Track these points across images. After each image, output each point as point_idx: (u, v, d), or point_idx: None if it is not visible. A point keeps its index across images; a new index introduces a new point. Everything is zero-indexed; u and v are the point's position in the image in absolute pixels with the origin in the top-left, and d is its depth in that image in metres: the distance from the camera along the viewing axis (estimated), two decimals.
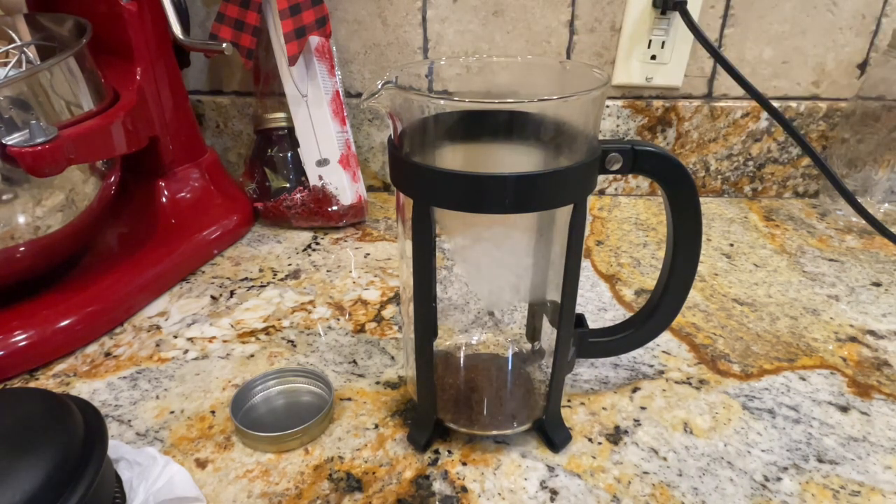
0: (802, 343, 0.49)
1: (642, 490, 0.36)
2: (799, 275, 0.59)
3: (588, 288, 0.57)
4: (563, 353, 0.36)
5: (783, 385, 0.44)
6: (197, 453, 0.38)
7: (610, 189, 0.77)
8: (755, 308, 0.54)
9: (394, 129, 0.32)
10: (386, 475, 0.37)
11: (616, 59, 0.70)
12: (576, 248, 0.33)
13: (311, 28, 0.61)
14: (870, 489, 0.36)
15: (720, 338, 0.50)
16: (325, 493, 0.36)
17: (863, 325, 0.51)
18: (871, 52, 0.70)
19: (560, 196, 0.30)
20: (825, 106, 0.72)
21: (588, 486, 0.36)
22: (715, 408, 0.42)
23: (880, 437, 0.40)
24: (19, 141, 0.40)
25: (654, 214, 0.72)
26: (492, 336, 0.45)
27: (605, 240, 0.66)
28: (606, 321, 0.52)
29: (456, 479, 0.36)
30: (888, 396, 0.43)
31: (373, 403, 0.42)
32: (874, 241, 0.65)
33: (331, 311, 0.53)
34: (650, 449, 0.39)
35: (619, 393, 0.44)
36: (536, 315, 0.42)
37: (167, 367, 0.46)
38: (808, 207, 0.74)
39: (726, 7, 0.68)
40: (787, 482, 0.36)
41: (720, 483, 0.36)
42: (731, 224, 0.70)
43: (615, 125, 0.73)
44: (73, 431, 0.29)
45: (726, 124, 0.73)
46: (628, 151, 0.33)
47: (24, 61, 0.52)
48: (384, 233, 0.68)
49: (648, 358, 0.47)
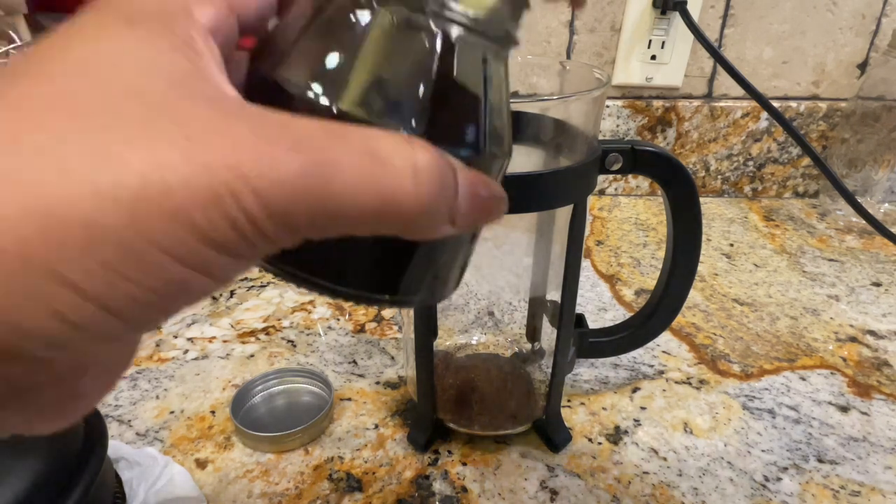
0: (802, 343, 0.49)
1: (642, 490, 0.36)
2: (799, 275, 0.59)
3: (588, 288, 0.57)
4: (563, 353, 0.36)
5: (783, 385, 0.44)
6: (197, 453, 0.38)
7: (610, 189, 0.77)
8: (755, 308, 0.54)
9: None
10: (386, 475, 0.37)
11: (616, 59, 0.70)
12: (576, 248, 0.33)
13: None
14: (870, 489, 0.36)
15: (720, 338, 0.50)
16: (325, 493, 0.36)
17: (863, 325, 0.51)
18: (871, 52, 0.70)
19: (560, 196, 0.30)
20: (825, 106, 0.72)
21: (588, 486, 0.36)
22: (715, 408, 0.42)
23: (880, 437, 0.40)
24: None
25: (654, 214, 0.72)
26: (492, 336, 0.45)
27: (605, 240, 0.66)
28: (606, 321, 0.52)
29: (456, 479, 0.36)
30: (888, 396, 0.43)
31: (373, 403, 0.42)
32: (874, 241, 0.65)
33: (331, 311, 0.53)
34: (650, 449, 0.39)
35: (619, 393, 0.44)
36: (536, 315, 0.42)
37: (167, 367, 0.46)
38: (808, 207, 0.74)
39: (726, 7, 0.68)
40: (787, 482, 0.36)
41: (720, 483, 0.36)
42: (731, 224, 0.70)
43: (615, 125, 0.73)
44: (73, 431, 0.29)
45: (726, 124, 0.73)
46: (628, 151, 0.33)
47: None
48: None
49: (648, 358, 0.47)
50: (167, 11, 0.14)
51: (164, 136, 0.11)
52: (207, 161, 0.11)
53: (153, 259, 0.11)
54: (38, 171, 0.11)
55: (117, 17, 0.13)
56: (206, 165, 0.11)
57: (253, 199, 0.11)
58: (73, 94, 0.12)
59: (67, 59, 0.12)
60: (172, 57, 0.13)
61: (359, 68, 0.15)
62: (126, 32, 0.13)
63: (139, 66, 0.12)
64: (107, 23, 0.13)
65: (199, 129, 0.12)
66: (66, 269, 0.11)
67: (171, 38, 0.13)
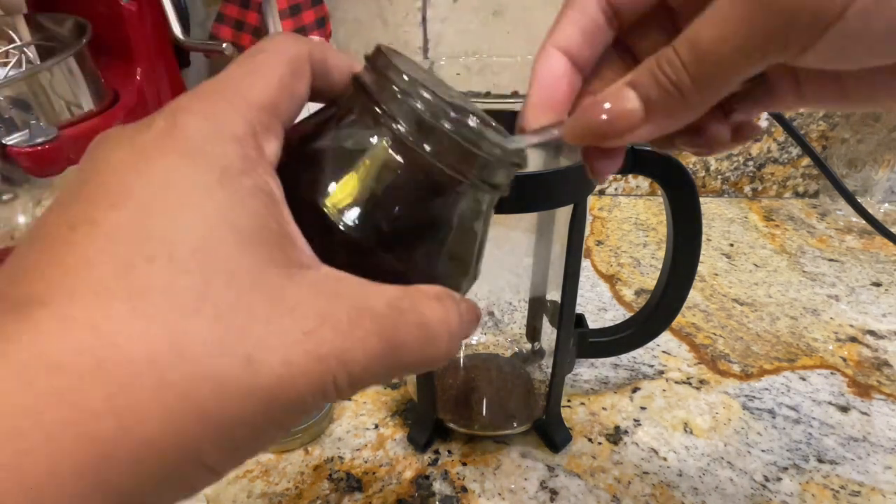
0: (802, 343, 0.49)
1: (642, 490, 0.36)
2: (799, 275, 0.59)
3: (588, 288, 0.57)
4: (563, 353, 0.36)
5: (783, 385, 0.44)
6: None
7: (610, 189, 0.77)
8: (755, 308, 0.54)
9: None
10: (386, 475, 0.37)
11: None
12: (576, 248, 0.33)
13: (311, 28, 0.61)
14: (870, 489, 0.36)
15: (720, 338, 0.50)
16: (325, 493, 0.36)
17: (863, 325, 0.51)
18: None
19: (560, 196, 0.30)
20: None
21: (588, 486, 0.36)
22: (715, 408, 0.42)
23: (880, 437, 0.40)
24: (19, 141, 0.40)
25: (654, 214, 0.72)
26: (492, 336, 0.45)
27: (605, 240, 0.66)
28: (606, 321, 0.52)
29: (456, 479, 0.36)
30: (888, 396, 0.43)
31: (373, 403, 0.42)
32: (874, 241, 0.65)
33: None
34: (650, 449, 0.39)
35: (619, 393, 0.44)
36: (536, 315, 0.42)
37: None
38: (808, 207, 0.74)
39: None
40: (787, 482, 0.36)
41: (720, 483, 0.36)
42: (731, 224, 0.70)
43: None
44: None
45: None
46: (628, 151, 0.33)
47: (24, 61, 0.52)
48: None
49: (648, 358, 0.47)
50: (250, 158, 0.15)
51: (288, 333, 0.13)
52: (321, 354, 0.14)
53: (270, 434, 0.14)
54: (198, 378, 0.12)
55: (208, 172, 0.14)
56: (321, 359, 0.14)
57: (346, 379, 0.14)
58: (218, 286, 0.13)
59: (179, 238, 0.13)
60: (264, 220, 0.14)
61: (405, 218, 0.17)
62: (217, 195, 0.14)
63: (239, 238, 0.14)
64: (198, 182, 0.14)
65: (311, 319, 0.14)
66: (210, 457, 0.13)
67: (261, 199, 0.14)
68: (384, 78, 0.17)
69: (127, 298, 0.12)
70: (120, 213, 0.13)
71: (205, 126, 0.14)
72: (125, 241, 0.13)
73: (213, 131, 0.14)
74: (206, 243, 0.13)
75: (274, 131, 0.16)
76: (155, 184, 0.13)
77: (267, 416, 0.13)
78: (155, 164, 0.13)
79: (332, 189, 0.16)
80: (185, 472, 0.13)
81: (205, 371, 0.12)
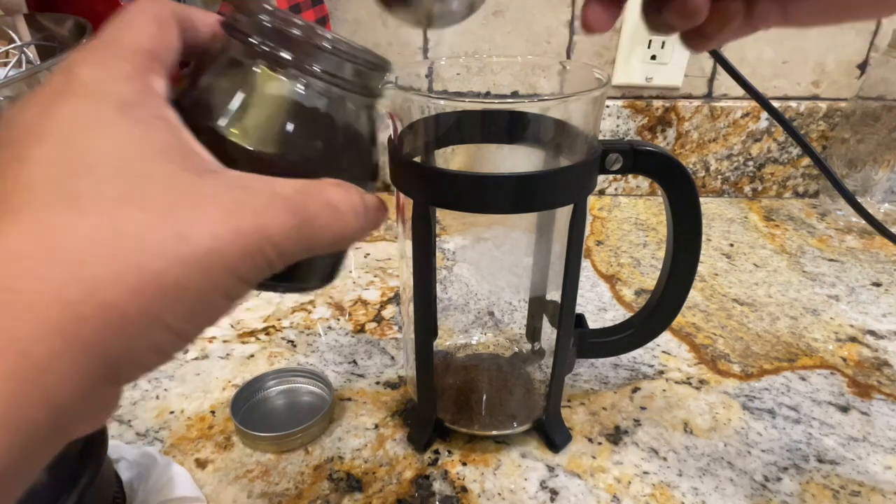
0: (802, 343, 0.49)
1: (642, 490, 0.36)
2: (799, 275, 0.59)
3: (588, 288, 0.57)
4: (563, 353, 0.36)
5: (783, 385, 0.44)
6: (197, 453, 0.38)
7: (610, 189, 0.77)
8: (755, 308, 0.54)
9: (394, 129, 0.32)
10: (386, 475, 0.37)
11: (616, 59, 0.70)
12: (576, 248, 0.33)
13: None
14: (870, 489, 0.36)
15: (720, 338, 0.50)
16: (325, 493, 0.36)
17: (863, 325, 0.51)
18: (871, 52, 0.70)
19: (560, 196, 0.30)
20: (825, 106, 0.72)
21: (588, 486, 0.36)
22: (715, 408, 0.42)
23: (880, 437, 0.40)
24: None
25: (654, 214, 0.72)
26: (492, 336, 0.45)
27: (605, 240, 0.66)
28: (606, 321, 0.52)
29: (456, 479, 0.36)
30: (888, 396, 0.43)
31: (373, 403, 0.42)
32: (874, 241, 0.65)
33: (331, 311, 0.53)
34: (650, 449, 0.39)
35: (619, 393, 0.44)
36: (536, 315, 0.42)
37: (167, 367, 0.46)
38: (808, 207, 0.74)
39: None
40: (787, 482, 0.36)
41: (720, 483, 0.36)
42: (731, 224, 0.70)
43: (615, 125, 0.73)
44: None
45: (726, 124, 0.73)
46: (628, 151, 0.33)
47: (24, 61, 0.52)
48: (384, 233, 0.68)
49: (648, 358, 0.47)
50: (142, 92, 0.17)
51: (210, 215, 0.16)
52: (242, 228, 0.16)
53: (216, 300, 0.16)
54: (141, 251, 0.15)
55: (107, 106, 0.16)
56: (243, 232, 0.16)
57: (272, 250, 0.17)
58: (140, 186, 0.16)
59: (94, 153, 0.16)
60: (167, 139, 0.17)
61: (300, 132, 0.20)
62: (120, 123, 0.16)
63: (149, 153, 0.16)
64: (101, 115, 0.16)
65: (228, 203, 0.16)
66: (168, 317, 0.15)
67: (161, 123, 0.17)
68: (243, 11, 0.20)
69: (66, 202, 0.15)
70: (42, 148, 0.15)
71: (97, 71, 0.17)
72: (52, 167, 0.15)
73: (105, 75, 0.17)
74: (122, 161, 0.16)
75: (157, 72, 0.18)
76: (66, 121, 0.16)
77: (209, 281, 0.16)
78: (62, 107, 0.16)
79: (224, 111, 0.19)
80: (153, 335, 0.15)
81: (144, 245, 0.15)
